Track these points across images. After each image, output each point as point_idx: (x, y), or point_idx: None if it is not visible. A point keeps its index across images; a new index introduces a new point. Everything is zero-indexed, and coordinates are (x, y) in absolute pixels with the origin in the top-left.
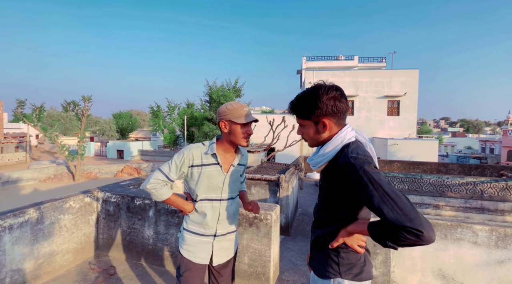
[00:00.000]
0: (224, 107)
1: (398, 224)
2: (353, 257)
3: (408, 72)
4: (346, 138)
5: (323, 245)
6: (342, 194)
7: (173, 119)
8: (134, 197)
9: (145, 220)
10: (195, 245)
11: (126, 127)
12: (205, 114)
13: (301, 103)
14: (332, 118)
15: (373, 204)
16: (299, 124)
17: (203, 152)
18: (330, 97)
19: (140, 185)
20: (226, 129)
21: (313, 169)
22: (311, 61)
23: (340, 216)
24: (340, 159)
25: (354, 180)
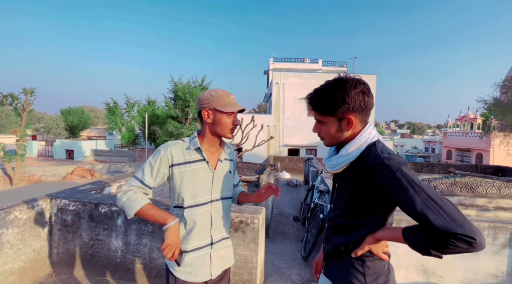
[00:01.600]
0: (207, 94)
1: (448, 231)
2: (378, 265)
3: (367, 77)
4: (370, 137)
5: (345, 253)
6: (371, 197)
7: (132, 117)
8: (99, 203)
9: (112, 230)
10: (193, 263)
11: (77, 124)
12: (170, 112)
13: (324, 98)
14: (358, 114)
15: (415, 209)
16: (317, 120)
17: (185, 147)
18: (358, 91)
19: (103, 189)
20: (209, 119)
21: (329, 170)
22: (278, 62)
23: (367, 221)
24: (368, 160)
25: (390, 183)
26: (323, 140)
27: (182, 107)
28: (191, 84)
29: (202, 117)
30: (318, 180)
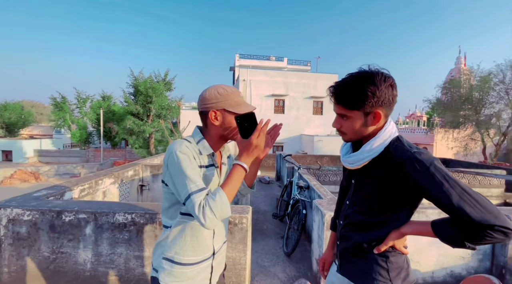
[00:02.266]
0: (214, 92)
1: (485, 223)
2: (400, 260)
3: (330, 76)
4: (393, 132)
5: (367, 250)
6: (399, 192)
7: (85, 113)
8: (62, 211)
9: (79, 240)
10: (194, 277)
11: (16, 121)
12: (129, 108)
13: (352, 91)
14: (385, 109)
15: (451, 203)
16: (340, 114)
17: (196, 151)
18: (388, 84)
19: (63, 194)
20: (217, 121)
21: (349, 166)
22: (244, 59)
23: (394, 217)
24: (397, 155)
25: (423, 177)
26: (343, 135)
27: (144, 103)
28: (153, 78)
29: (205, 119)
30: (296, 177)
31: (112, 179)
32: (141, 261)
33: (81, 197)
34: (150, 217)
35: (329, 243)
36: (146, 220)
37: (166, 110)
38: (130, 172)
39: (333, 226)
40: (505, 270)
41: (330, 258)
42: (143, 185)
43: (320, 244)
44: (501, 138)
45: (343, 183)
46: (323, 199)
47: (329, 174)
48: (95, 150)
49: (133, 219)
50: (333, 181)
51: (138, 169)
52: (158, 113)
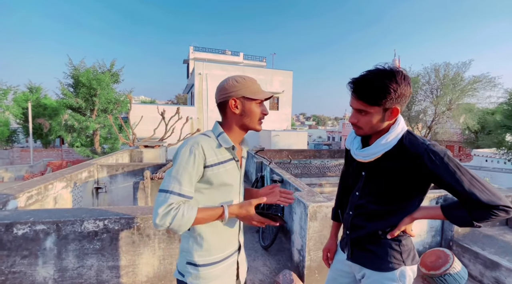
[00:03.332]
0: (232, 81)
1: (492, 204)
2: (409, 242)
3: (285, 72)
4: (404, 126)
5: (381, 237)
6: (413, 182)
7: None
8: (13, 224)
9: (37, 256)
10: (222, 275)
11: None
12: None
13: (375, 88)
14: (401, 105)
15: (463, 188)
16: (358, 110)
17: (215, 146)
18: (407, 82)
19: (6, 203)
20: (237, 110)
21: (363, 159)
22: (199, 51)
23: (408, 204)
24: (413, 147)
25: (439, 167)
26: (358, 130)
27: (87, 96)
28: (97, 69)
29: (225, 109)
30: (267, 171)
31: (64, 183)
32: (117, 271)
33: (28, 206)
34: (126, 222)
35: (332, 233)
36: (122, 226)
37: (114, 104)
38: (84, 174)
39: (334, 216)
40: (452, 242)
41: (334, 247)
42: (99, 188)
43: (303, 234)
44: (427, 131)
45: (346, 175)
46: (302, 192)
47: (291, 167)
48: (22, 150)
49: (105, 226)
50: (294, 174)
51: (93, 170)
52: (104, 107)
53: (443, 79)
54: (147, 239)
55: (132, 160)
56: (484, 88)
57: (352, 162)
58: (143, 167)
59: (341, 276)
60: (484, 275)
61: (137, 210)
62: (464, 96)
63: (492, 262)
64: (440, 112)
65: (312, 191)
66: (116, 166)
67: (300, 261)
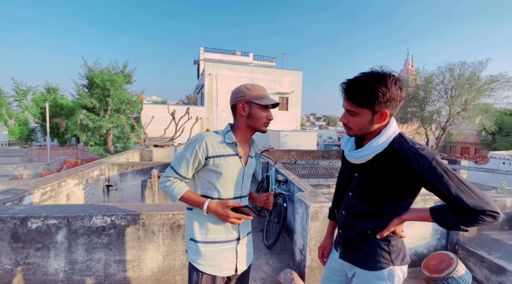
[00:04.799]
0: (243, 87)
1: (479, 209)
2: (399, 242)
3: (295, 72)
4: (396, 129)
5: (370, 236)
6: (402, 184)
7: (25, 107)
8: (27, 218)
9: (49, 249)
10: (218, 256)
11: None
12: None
13: (364, 90)
14: (391, 109)
15: (450, 193)
16: (349, 111)
17: (219, 141)
18: (397, 87)
19: (22, 199)
20: (244, 112)
21: (355, 161)
22: (209, 52)
23: (397, 206)
24: (402, 150)
25: (427, 171)
26: (349, 130)
27: (101, 97)
28: (111, 70)
29: (235, 111)
30: (272, 171)
31: (76, 180)
32: (123, 265)
33: (43, 201)
34: (132, 218)
35: (328, 232)
36: (128, 222)
37: (126, 104)
38: (95, 172)
39: (331, 216)
40: (457, 246)
41: (329, 246)
42: (110, 185)
43: (304, 234)
44: (440, 132)
45: (343, 176)
46: (304, 192)
47: (298, 168)
48: (40, 149)
49: (113, 221)
50: (301, 175)
51: (104, 168)
52: (117, 107)
53: (458, 78)
54: (152, 235)
55: (142, 159)
56: (502, 88)
57: (346, 163)
58: (152, 166)
59: (335, 274)
60: (489, 280)
61: (143, 207)
62: (480, 96)
63: (498, 266)
64: (454, 112)
65: (315, 191)
66: (126, 164)
67: (302, 261)
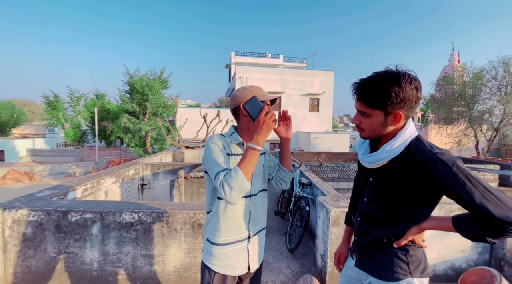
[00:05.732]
0: (242, 90)
1: (507, 220)
2: (418, 253)
3: (326, 73)
4: (413, 132)
5: (386, 245)
6: (420, 191)
7: (78, 112)
8: (68, 211)
9: (85, 240)
10: (231, 256)
11: (7, 120)
12: (125, 106)
13: (376, 90)
14: (406, 110)
15: (474, 201)
16: (361, 111)
17: (228, 142)
18: (413, 87)
19: (67, 194)
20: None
21: (369, 166)
22: (240, 56)
23: (415, 214)
24: (419, 155)
25: (446, 177)
26: (361, 132)
27: (140, 101)
28: (149, 76)
29: (237, 114)
30: (297, 174)
31: (114, 179)
32: (149, 260)
33: (84, 197)
34: (157, 216)
35: (344, 237)
36: (153, 219)
37: (163, 108)
38: (131, 171)
39: (347, 221)
40: (503, 262)
41: (345, 252)
42: (143, 184)
43: (325, 240)
44: (493, 133)
45: (359, 181)
46: (327, 196)
47: (328, 171)
48: (90, 149)
49: (140, 218)
50: (331, 178)
51: (139, 168)
52: (154, 111)
53: None
54: (175, 232)
55: (174, 159)
56: None
57: (362, 168)
58: (181, 166)
59: (350, 283)
60: None
61: (167, 205)
62: None
63: None
64: (510, 112)
65: (338, 195)
66: (158, 165)
67: (323, 267)
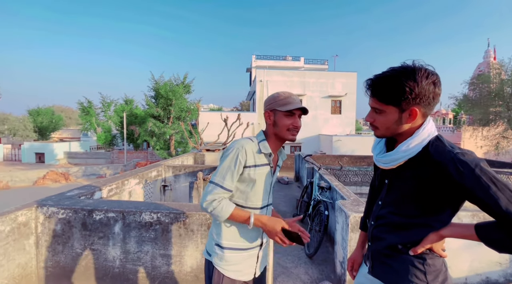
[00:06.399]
0: (271, 96)
1: None
2: (438, 262)
3: (348, 74)
4: (432, 131)
5: (402, 252)
6: (439, 194)
7: (109, 117)
8: (93, 210)
9: (108, 238)
10: (242, 262)
11: (47, 125)
12: (151, 111)
13: (389, 85)
14: (423, 107)
15: (499, 207)
16: (374, 108)
17: (256, 150)
18: (430, 82)
19: (93, 193)
20: (270, 120)
21: (383, 166)
22: (260, 59)
23: (433, 219)
24: (438, 155)
25: (468, 180)
26: (375, 130)
27: (164, 106)
28: (173, 82)
29: (265, 120)
30: (316, 177)
31: (137, 180)
32: (167, 260)
33: (109, 197)
34: (175, 216)
35: (358, 243)
36: (171, 219)
37: (186, 112)
38: (153, 173)
39: (362, 226)
40: None
41: (359, 258)
42: (165, 186)
43: (344, 246)
44: None
45: (374, 183)
46: (346, 200)
47: (350, 175)
48: (119, 152)
49: (158, 218)
50: (353, 182)
51: (161, 170)
52: (178, 115)
53: None
54: (191, 233)
55: (196, 162)
56: None
57: (377, 169)
58: (201, 168)
59: None
60: None
61: (184, 206)
62: None
63: None
64: None
65: (358, 200)
66: (179, 167)
67: (342, 274)
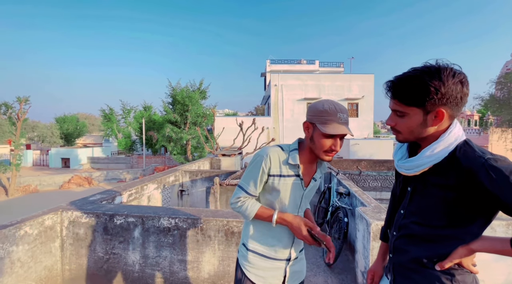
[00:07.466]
0: (316, 105)
1: None
2: (468, 279)
3: (365, 76)
4: (459, 135)
5: (427, 266)
6: (469, 203)
7: (129, 123)
8: (114, 215)
9: (128, 243)
10: (265, 269)
11: (72, 132)
12: (168, 117)
13: (411, 85)
14: (450, 108)
15: None
16: (395, 111)
17: (283, 160)
18: (457, 80)
19: (114, 198)
20: (308, 133)
21: (406, 173)
22: (275, 64)
23: (463, 231)
24: (467, 161)
25: (501, 188)
26: (397, 135)
27: (181, 112)
28: (189, 88)
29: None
30: (334, 182)
31: (156, 185)
32: (184, 265)
33: (129, 202)
34: (192, 222)
35: (379, 254)
36: (189, 225)
37: (202, 117)
38: (171, 178)
39: (383, 236)
40: None
41: (380, 270)
42: (183, 190)
43: (366, 255)
44: None
45: (396, 191)
46: (367, 207)
47: (369, 180)
48: (138, 157)
49: (176, 223)
50: (373, 187)
51: (178, 175)
52: (194, 120)
53: None
54: (209, 239)
55: (212, 167)
56: None
57: (399, 175)
58: (218, 173)
59: None
60: None
61: (202, 212)
62: None
63: None
64: None
65: (380, 207)
66: (196, 172)
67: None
